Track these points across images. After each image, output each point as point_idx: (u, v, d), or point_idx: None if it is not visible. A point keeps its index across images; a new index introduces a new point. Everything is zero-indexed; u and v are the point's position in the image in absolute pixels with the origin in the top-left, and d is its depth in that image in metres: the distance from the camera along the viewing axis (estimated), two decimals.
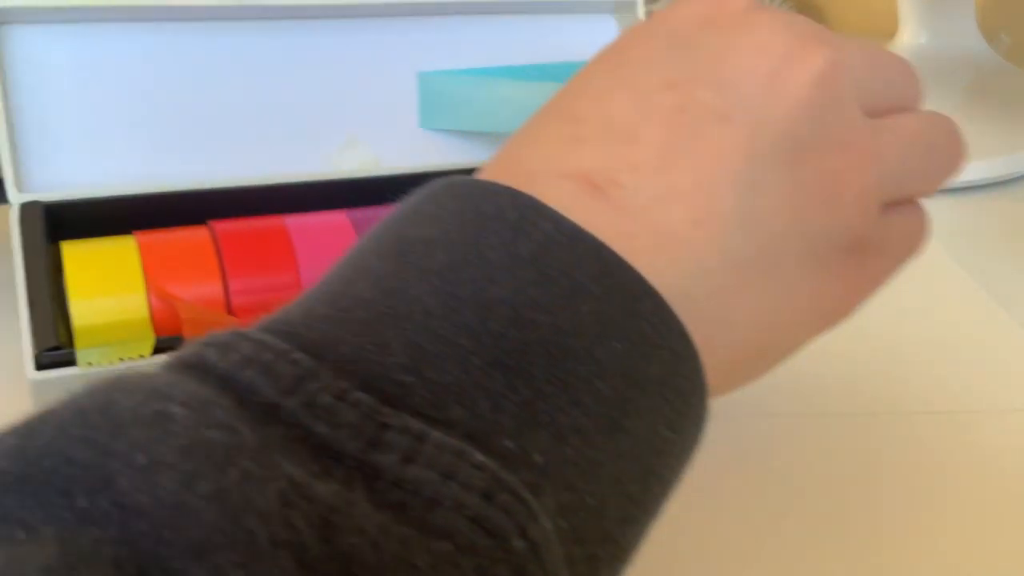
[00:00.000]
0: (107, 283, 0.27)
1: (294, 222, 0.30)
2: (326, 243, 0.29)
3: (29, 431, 0.14)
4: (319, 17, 0.34)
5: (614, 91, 0.21)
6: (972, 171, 0.47)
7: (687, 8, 0.22)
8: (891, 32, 0.62)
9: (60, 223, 0.29)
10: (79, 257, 0.27)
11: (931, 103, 0.56)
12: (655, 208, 0.19)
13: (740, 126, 0.20)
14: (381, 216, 0.30)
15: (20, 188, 0.30)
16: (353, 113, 0.34)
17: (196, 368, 0.15)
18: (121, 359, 0.24)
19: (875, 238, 0.22)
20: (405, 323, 0.16)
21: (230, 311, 0.27)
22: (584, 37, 0.37)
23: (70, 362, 0.25)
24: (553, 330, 0.17)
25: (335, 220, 0.30)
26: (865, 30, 0.75)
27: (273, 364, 0.15)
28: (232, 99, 0.33)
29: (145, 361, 0.25)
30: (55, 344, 0.25)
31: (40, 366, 0.25)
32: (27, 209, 0.29)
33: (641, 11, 0.36)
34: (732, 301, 0.20)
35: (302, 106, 0.34)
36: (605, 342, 0.17)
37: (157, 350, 0.25)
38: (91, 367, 0.24)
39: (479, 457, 0.15)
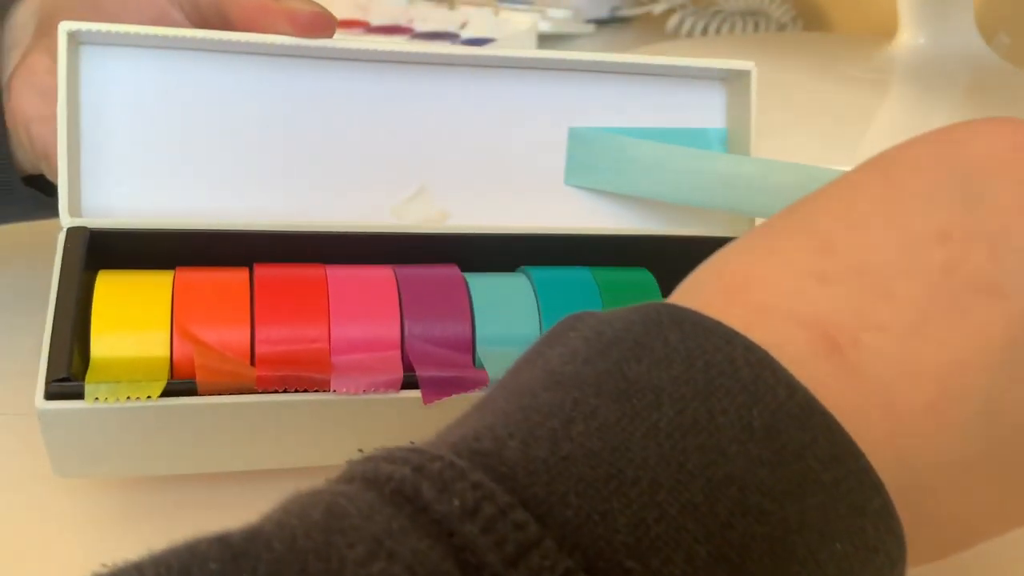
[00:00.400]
0: (132, 317, 0.26)
1: (335, 273, 0.29)
2: (364, 299, 0.28)
3: (234, 558, 0.13)
4: (389, 62, 0.33)
5: (877, 225, 0.19)
6: None
7: (986, 140, 0.20)
8: (891, 32, 0.62)
9: (105, 251, 0.29)
10: (111, 287, 0.27)
11: (930, 104, 0.56)
12: (893, 382, 0.17)
13: (1011, 303, 0.18)
14: (429, 276, 0.29)
15: (72, 212, 0.29)
16: (428, 165, 0.33)
17: (411, 504, 0.14)
18: (128, 398, 0.24)
19: None
20: (631, 491, 0.15)
21: (254, 359, 0.27)
22: (692, 104, 0.35)
23: (79, 395, 0.25)
24: (780, 524, 0.15)
25: (379, 276, 0.29)
26: (865, 30, 0.75)
27: (495, 522, 0.14)
28: (298, 139, 0.32)
29: (154, 403, 0.24)
30: (65, 375, 0.25)
31: (49, 396, 0.24)
32: (72, 235, 0.28)
33: (754, 84, 0.34)
34: (951, 499, 0.18)
35: (374, 153, 0.33)
36: (828, 543, 0.16)
37: (167, 393, 0.25)
38: (97, 403, 0.24)
39: None
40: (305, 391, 0.26)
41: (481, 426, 0.16)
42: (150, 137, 0.31)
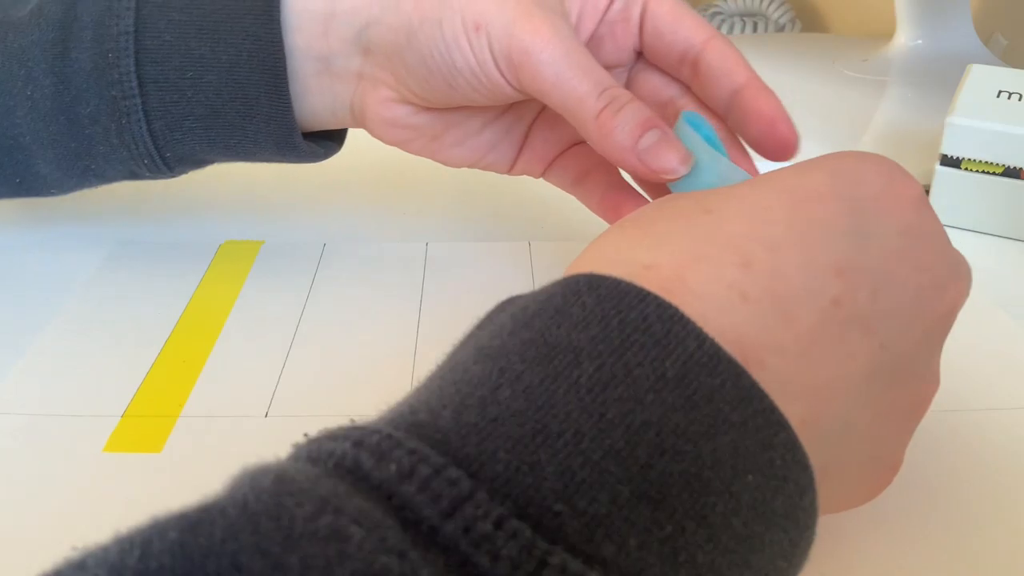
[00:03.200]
0: None
1: None
2: None
3: (191, 526, 0.14)
4: None
5: (788, 250, 0.20)
6: None
7: (875, 184, 0.22)
8: (888, 34, 0.63)
9: None
10: None
11: (928, 104, 0.56)
12: (778, 398, 0.19)
13: (875, 340, 0.20)
14: None
15: None
16: None
17: (352, 474, 0.15)
18: None
19: None
20: (556, 442, 0.16)
21: None
22: None
23: None
24: (695, 462, 0.17)
25: None
26: (863, 31, 0.75)
27: (431, 481, 0.15)
28: None
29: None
30: None
31: None
32: None
33: None
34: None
35: None
36: (741, 475, 0.17)
37: None
38: None
39: None
40: None
41: (417, 401, 0.18)
42: None
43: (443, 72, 0.32)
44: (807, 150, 0.50)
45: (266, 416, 0.31)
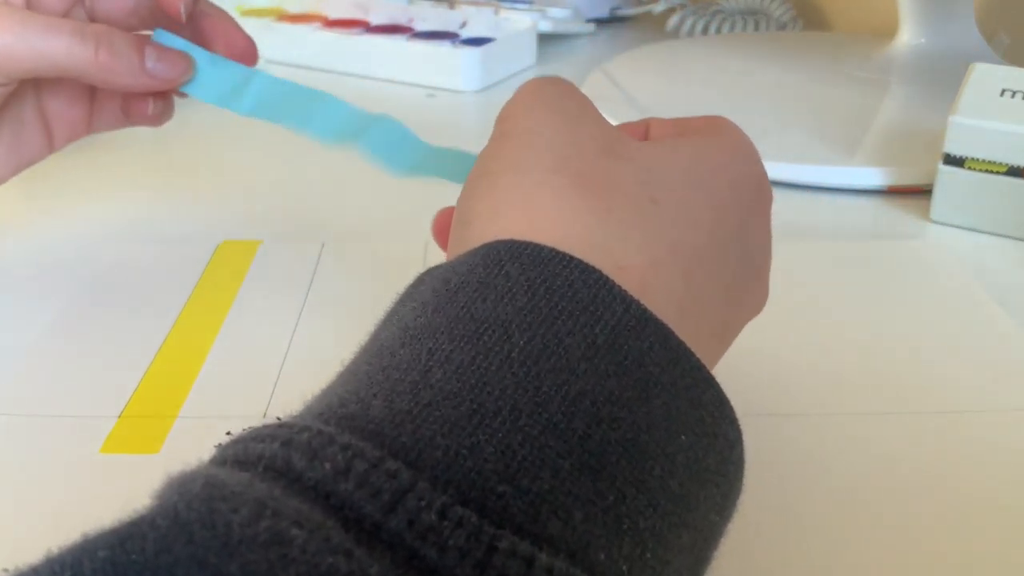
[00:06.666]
0: None
1: None
2: None
3: (121, 542, 0.13)
4: None
5: (711, 260, 0.22)
6: None
7: (759, 201, 0.24)
8: (891, 32, 0.62)
9: None
10: None
11: (930, 103, 0.56)
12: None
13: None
14: None
15: None
16: None
17: (284, 476, 0.15)
18: None
19: None
20: (493, 421, 0.16)
21: None
22: None
23: None
24: (631, 427, 0.17)
25: None
26: (865, 30, 0.75)
27: (368, 476, 0.14)
28: None
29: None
30: None
31: None
32: None
33: None
34: None
35: None
36: (675, 437, 0.17)
37: None
38: None
39: None
40: None
41: (345, 391, 0.17)
42: None
43: None
44: (808, 149, 0.50)
45: (264, 416, 0.31)
